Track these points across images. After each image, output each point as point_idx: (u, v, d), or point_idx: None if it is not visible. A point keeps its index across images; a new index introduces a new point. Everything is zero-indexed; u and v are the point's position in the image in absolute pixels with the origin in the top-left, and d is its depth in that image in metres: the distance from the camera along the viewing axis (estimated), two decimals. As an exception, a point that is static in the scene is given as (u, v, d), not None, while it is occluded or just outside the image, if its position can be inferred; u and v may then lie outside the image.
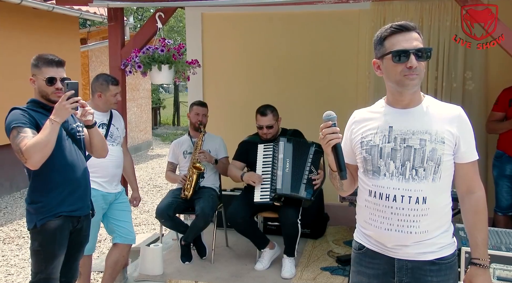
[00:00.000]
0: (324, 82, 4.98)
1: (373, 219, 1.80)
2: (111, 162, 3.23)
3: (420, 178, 1.72)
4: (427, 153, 1.71)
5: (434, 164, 1.71)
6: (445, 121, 1.74)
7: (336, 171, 1.78)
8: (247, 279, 3.72)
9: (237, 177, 4.02)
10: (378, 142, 1.77)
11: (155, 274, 3.78)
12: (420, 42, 1.73)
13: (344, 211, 3.95)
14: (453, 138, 1.73)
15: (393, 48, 1.71)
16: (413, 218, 1.73)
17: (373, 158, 1.78)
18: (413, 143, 1.73)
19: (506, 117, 3.90)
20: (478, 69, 4.57)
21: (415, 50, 1.69)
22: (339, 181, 1.83)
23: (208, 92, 5.30)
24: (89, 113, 2.45)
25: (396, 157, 1.74)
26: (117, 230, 3.34)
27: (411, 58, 1.69)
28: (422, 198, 1.72)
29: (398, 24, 1.73)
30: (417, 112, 1.76)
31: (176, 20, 19.56)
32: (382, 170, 1.76)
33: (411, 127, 1.74)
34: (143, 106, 12.47)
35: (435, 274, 1.77)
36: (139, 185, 7.48)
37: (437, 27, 4.55)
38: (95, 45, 9.67)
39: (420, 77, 1.72)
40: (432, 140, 1.71)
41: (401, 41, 1.71)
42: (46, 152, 2.30)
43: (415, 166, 1.72)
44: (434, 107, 1.78)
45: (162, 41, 3.40)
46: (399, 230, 1.74)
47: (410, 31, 1.72)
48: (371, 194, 1.80)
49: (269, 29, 5.11)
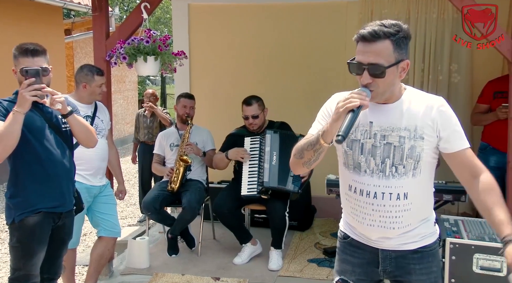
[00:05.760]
0: (313, 74, 4.98)
1: (355, 213, 1.80)
2: (95, 154, 3.19)
3: (400, 175, 1.70)
4: (406, 151, 1.68)
5: (413, 161, 1.69)
6: (425, 115, 1.69)
7: (327, 142, 1.62)
8: (234, 272, 3.72)
9: (223, 158, 3.98)
10: (359, 137, 1.74)
11: (142, 267, 3.76)
12: (382, 56, 1.59)
13: (331, 203, 3.96)
14: (434, 132, 1.69)
15: (354, 57, 1.64)
16: (395, 214, 1.73)
17: (354, 153, 1.75)
18: (392, 139, 1.70)
19: (490, 110, 3.93)
20: (464, 62, 4.61)
21: (368, 66, 1.60)
22: (317, 154, 1.70)
23: (195, 84, 5.26)
24: (57, 101, 2.31)
25: (376, 153, 1.71)
26: (102, 223, 3.30)
27: (364, 73, 1.61)
28: (403, 194, 1.71)
29: (365, 31, 1.61)
30: (396, 108, 1.71)
31: (163, 11, 19.40)
32: (362, 166, 1.74)
33: (390, 124, 1.70)
34: (130, 99, 12.36)
35: (417, 262, 1.80)
36: (125, 178, 7.45)
37: (424, 19, 4.57)
38: (80, 36, 9.55)
39: (380, 92, 1.64)
40: (411, 137, 1.68)
41: (359, 52, 1.63)
42: (8, 144, 2.21)
43: (394, 163, 1.70)
44: (414, 101, 1.72)
45: (148, 32, 3.35)
46: (382, 225, 1.75)
47: (374, 42, 1.59)
48: (351, 188, 1.78)
49: (257, 20, 5.08)
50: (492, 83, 3.99)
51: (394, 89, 1.69)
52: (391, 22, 1.62)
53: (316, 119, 1.83)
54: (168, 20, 18.48)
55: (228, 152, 3.95)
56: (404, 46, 1.63)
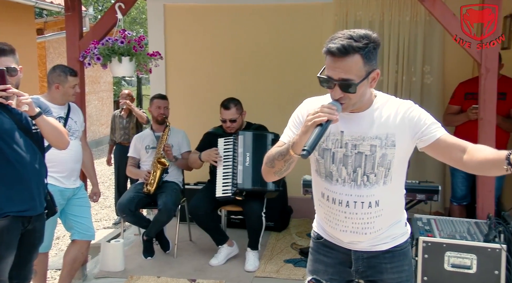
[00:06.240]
0: (289, 76, 5.00)
1: (328, 219, 1.82)
2: (69, 156, 3.13)
3: (372, 184, 1.71)
4: (377, 159, 1.69)
5: (385, 169, 1.70)
6: (395, 121, 1.69)
7: (297, 153, 1.61)
8: (210, 273, 3.71)
9: (196, 159, 3.97)
10: (330, 146, 1.73)
11: (116, 270, 3.71)
12: (352, 72, 1.57)
13: (307, 204, 3.95)
14: (407, 137, 1.69)
15: (324, 71, 1.61)
16: (367, 220, 1.75)
17: (326, 162, 1.75)
18: (364, 149, 1.70)
19: (461, 110, 4.02)
20: (436, 63, 4.71)
21: (338, 81, 1.59)
22: (288, 164, 1.70)
23: (171, 85, 5.22)
24: (23, 103, 2.24)
25: (347, 163, 1.72)
26: (76, 226, 3.25)
27: (335, 89, 1.60)
28: (374, 201, 1.73)
29: (333, 47, 1.56)
30: (367, 117, 1.70)
31: (138, 11, 19.20)
32: (334, 175, 1.74)
33: (361, 133, 1.70)
34: (105, 100, 12.17)
35: (389, 261, 1.83)
36: (100, 180, 7.35)
37: (397, 22, 4.65)
38: (53, 36, 9.36)
39: (352, 104, 1.63)
40: (383, 145, 1.68)
41: (329, 67, 1.60)
42: None
43: (366, 172, 1.71)
44: (384, 108, 1.71)
45: (122, 33, 3.32)
46: (354, 231, 1.77)
47: (343, 58, 1.56)
48: (324, 196, 1.80)
49: (233, 21, 5.08)
50: (463, 84, 4.08)
51: (365, 98, 1.69)
52: (360, 34, 1.58)
53: (288, 126, 1.83)
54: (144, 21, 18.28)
55: (201, 154, 3.94)
56: (374, 56, 1.61)
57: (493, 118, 3.12)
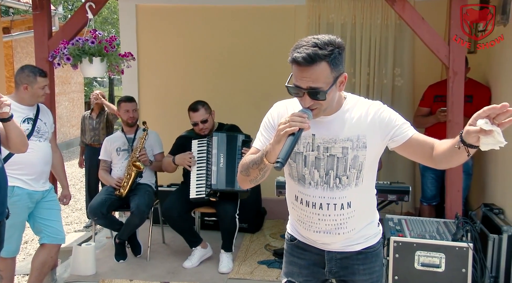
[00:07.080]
0: (262, 77, 5.01)
1: (302, 221, 1.83)
2: (38, 158, 3.07)
3: (344, 186, 1.73)
4: (349, 161, 1.70)
5: (356, 171, 1.72)
6: (365, 122, 1.70)
7: (271, 162, 1.60)
8: (184, 276, 3.68)
9: (170, 162, 3.95)
10: (302, 149, 1.73)
11: (87, 274, 3.65)
12: (320, 80, 1.55)
13: (281, 205, 3.96)
14: (378, 138, 1.70)
15: (292, 80, 1.60)
16: (340, 221, 1.77)
17: (298, 165, 1.76)
18: (335, 151, 1.71)
19: (431, 113, 4.11)
20: (406, 66, 4.81)
21: (307, 90, 1.57)
22: (263, 173, 1.69)
23: (143, 86, 5.17)
24: (5, 104, 2.20)
25: (320, 165, 1.73)
26: (45, 229, 3.17)
27: (305, 97, 1.59)
28: (346, 203, 1.75)
29: (299, 56, 1.54)
30: (337, 119, 1.71)
31: (110, 11, 18.91)
32: (307, 178, 1.75)
33: (332, 135, 1.70)
34: (75, 101, 11.94)
35: (361, 262, 1.85)
36: (71, 182, 7.21)
37: (369, 25, 4.72)
38: (20, 35, 9.11)
39: (323, 109, 1.63)
40: (354, 147, 1.70)
41: (296, 76, 1.59)
42: None
43: (338, 174, 1.72)
44: (354, 109, 1.72)
45: (93, 33, 3.26)
46: (328, 232, 1.79)
47: (310, 66, 1.54)
48: (297, 199, 1.81)
49: (205, 22, 5.06)
50: (432, 87, 4.18)
51: (335, 102, 1.69)
52: (324, 41, 1.56)
53: (259, 131, 1.82)
54: (116, 21, 18.03)
55: (175, 158, 3.91)
56: (340, 61, 1.59)
57: (461, 120, 3.20)
